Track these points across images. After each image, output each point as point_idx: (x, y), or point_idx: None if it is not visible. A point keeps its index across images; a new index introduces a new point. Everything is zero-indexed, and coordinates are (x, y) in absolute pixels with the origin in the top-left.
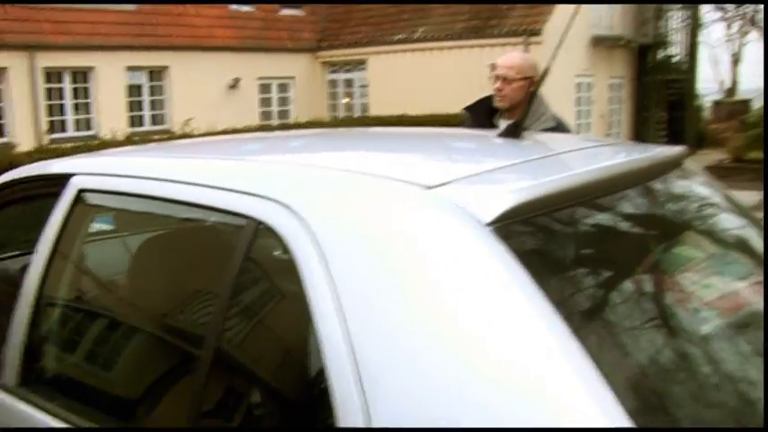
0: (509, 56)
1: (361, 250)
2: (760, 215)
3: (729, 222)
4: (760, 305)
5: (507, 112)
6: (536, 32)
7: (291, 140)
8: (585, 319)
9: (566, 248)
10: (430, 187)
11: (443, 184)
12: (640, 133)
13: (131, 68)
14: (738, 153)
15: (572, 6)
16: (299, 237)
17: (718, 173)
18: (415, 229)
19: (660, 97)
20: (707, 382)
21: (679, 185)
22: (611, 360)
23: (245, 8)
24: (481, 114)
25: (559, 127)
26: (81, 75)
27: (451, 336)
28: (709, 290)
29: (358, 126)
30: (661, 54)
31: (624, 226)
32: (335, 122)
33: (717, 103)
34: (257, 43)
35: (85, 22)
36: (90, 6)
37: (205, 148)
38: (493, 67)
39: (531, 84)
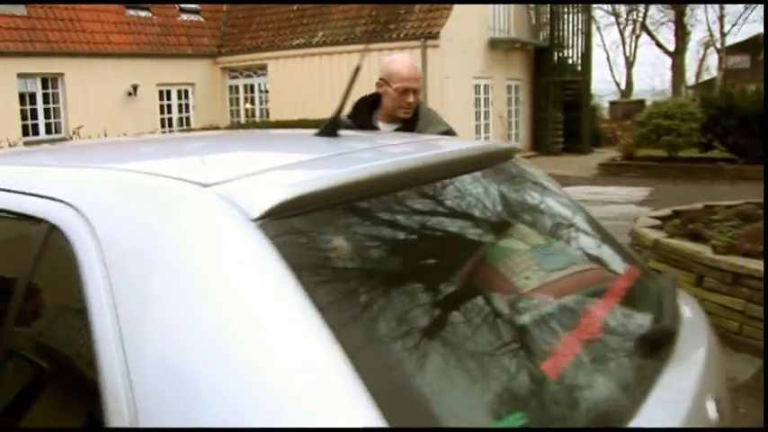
0: (412, 67)
1: (136, 246)
2: (644, 209)
3: (554, 214)
4: (577, 295)
5: (388, 115)
6: (434, 36)
7: (114, 146)
8: (355, 318)
9: (347, 243)
10: (206, 185)
11: (221, 182)
12: (538, 133)
13: (23, 75)
14: (629, 151)
15: (471, 10)
16: (82, 235)
17: (611, 170)
18: (187, 225)
19: (556, 98)
20: (513, 377)
21: (503, 179)
22: (379, 360)
23: (143, 13)
24: (361, 117)
25: (449, 132)
26: None
27: (214, 333)
28: (528, 281)
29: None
30: (557, 56)
31: (421, 219)
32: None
33: (612, 104)
34: (156, 49)
35: None
36: None
37: (24, 157)
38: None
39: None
